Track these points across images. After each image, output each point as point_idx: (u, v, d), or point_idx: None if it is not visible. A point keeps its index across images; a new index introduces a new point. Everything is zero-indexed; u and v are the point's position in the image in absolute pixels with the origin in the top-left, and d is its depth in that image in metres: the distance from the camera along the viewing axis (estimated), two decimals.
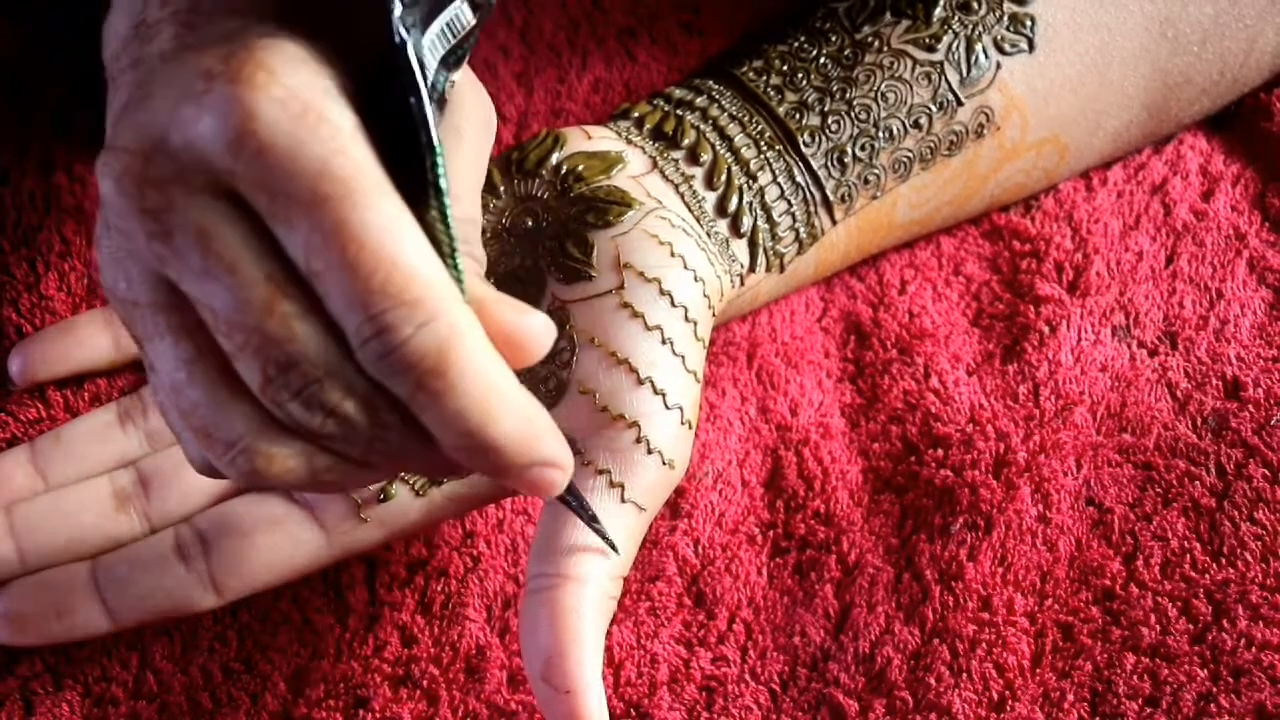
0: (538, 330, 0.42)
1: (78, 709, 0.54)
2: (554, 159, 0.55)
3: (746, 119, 0.57)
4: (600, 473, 0.50)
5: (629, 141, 0.56)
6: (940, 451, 0.58)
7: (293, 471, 0.42)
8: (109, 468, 0.55)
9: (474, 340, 0.39)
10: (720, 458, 0.59)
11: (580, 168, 0.55)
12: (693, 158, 0.56)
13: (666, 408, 0.51)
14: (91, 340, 0.58)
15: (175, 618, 0.53)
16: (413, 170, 0.40)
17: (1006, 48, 0.58)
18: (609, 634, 0.53)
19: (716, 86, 0.58)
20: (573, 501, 0.48)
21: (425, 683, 0.54)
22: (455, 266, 0.41)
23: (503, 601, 0.56)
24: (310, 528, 0.52)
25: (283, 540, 0.52)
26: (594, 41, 0.68)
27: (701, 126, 0.57)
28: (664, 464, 0.51)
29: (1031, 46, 0.59)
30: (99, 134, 0.43)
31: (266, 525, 0.52)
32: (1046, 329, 0.60)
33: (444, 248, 0.40)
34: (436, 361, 0.39)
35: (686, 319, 0.52)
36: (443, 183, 0.40)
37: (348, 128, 0.39)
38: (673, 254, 0.53)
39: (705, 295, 0.53)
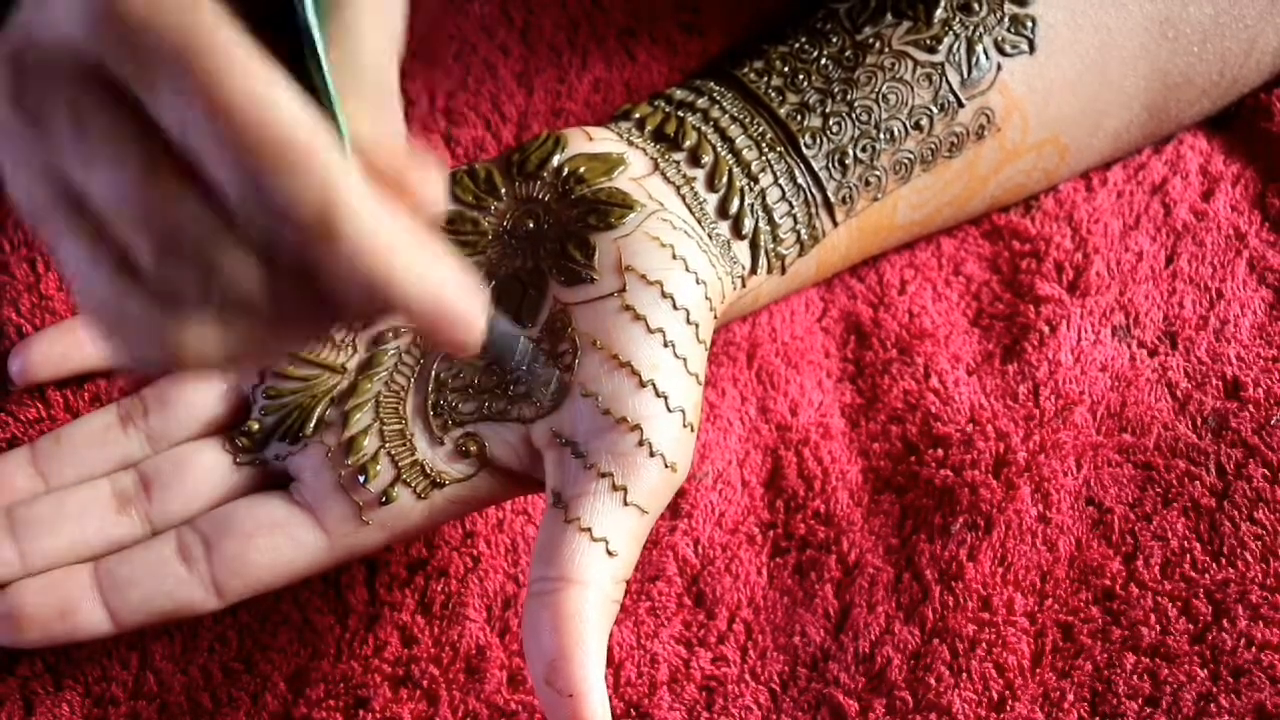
0: (427, 172, 0.41)
1: (78, 709, 0.53)
2: (555, 161, 0.55)
3: (748, 120, 0.57)
4: (603, 476, 0.50)
5: (630, 143, 0.56)
6: (940, 451, 0.58)
7: (207, 348, 0.41)
8: (110, 469, 0.55)
9: (356, 195, 0.38)
10: (720, 458, 0.58)
11: (582, 170, 0.55)
12: (694, 159, 0.56)
13: (669, 410, 0.51)
14: (91, 340, 0.58)
15: (177, 619, 0.53)
16: (286, 22, 0.39)
17: (1007, 49, 0.58)
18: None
19: (717, 88, 0.58)
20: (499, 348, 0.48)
21: (425, 683, 0.54)
22: (334, 116, 0.39)
23: (503, 601, 0.56)
24: (312, 530, 0.52)
25: (284, 542, 0.52)
26: (594, 41, 0.68)
27: (703, 128, 0.57)
28: (666, 467, 0.51)
29: (1032, 47, 0.59)
30: None
31: (268, 527, 0.52)
32: (1046, 329, 0.60)
33: (322, 97, 0.39)
34: (319, 220, 0.38)
35: (688, 321, 0.52)
36: (314, 28, 0.39)
37: None
38: (674, 256, 0.53)
39: (707, 298, 0.53)
